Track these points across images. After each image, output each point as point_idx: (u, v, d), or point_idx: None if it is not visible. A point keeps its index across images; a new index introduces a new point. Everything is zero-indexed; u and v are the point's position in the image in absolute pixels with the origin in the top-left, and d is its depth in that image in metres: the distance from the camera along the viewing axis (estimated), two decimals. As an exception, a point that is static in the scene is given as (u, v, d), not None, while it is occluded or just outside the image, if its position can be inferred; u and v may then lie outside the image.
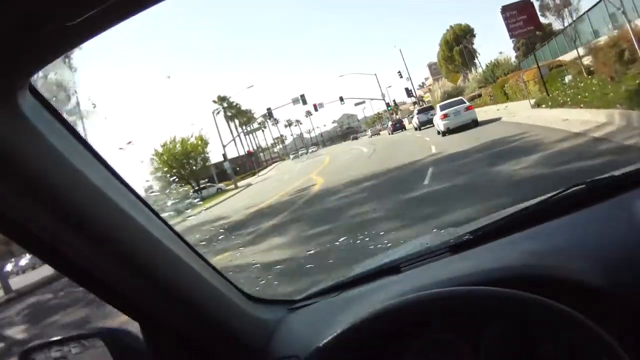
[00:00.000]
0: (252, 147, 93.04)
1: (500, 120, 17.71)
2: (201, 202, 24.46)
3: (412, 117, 24.56)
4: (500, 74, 31.83)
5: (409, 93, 54.55)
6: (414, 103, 53.63)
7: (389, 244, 2.53)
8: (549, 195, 1.34)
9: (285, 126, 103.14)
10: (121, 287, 0.97)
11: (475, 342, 1.05)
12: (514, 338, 1.02)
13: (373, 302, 1.12)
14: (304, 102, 49.00)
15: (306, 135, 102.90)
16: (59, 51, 0.71)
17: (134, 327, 1.09)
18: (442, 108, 20.72)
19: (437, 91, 40.35)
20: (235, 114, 74.32)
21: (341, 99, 51.31)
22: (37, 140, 0.77)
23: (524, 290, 0.93)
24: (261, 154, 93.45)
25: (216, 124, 73.55)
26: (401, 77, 57.45)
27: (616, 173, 1.34)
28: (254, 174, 50.24)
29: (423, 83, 59.37)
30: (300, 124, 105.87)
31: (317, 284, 1.47)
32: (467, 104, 20.62)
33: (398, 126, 38.19)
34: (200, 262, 1.09)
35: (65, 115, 0.85)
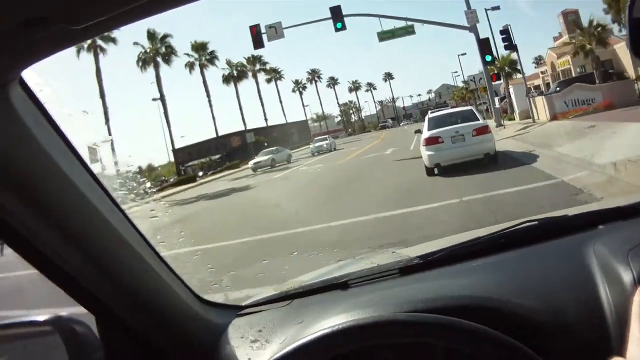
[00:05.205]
0: (305, 114, 70.79)
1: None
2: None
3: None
4: None
5: None
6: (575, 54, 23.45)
7: (339, 260, 2.60)
8: (501, 228, 1.36)
9: (350, 90, 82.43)
10: (79, 276, 1.01)
11: None
12: None
13: (319, 316, 1.16)
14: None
15: (391, 105, 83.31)
16: (54, 50, 0.76)
17: (90, 319, 1.12)
18: (432, 124, 12.07)
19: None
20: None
21: (334, 16, 21.64)
22: (20, 130, 0.83)
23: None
24: (316, 124, 72.70)
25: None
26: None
27: (569, 213, 1.36)
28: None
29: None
30: (374, 88, 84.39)
31: (266, 292, 1.49)
32: (480, 122, 11.78)
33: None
34: (157, 261, 1.13)
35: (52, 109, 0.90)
